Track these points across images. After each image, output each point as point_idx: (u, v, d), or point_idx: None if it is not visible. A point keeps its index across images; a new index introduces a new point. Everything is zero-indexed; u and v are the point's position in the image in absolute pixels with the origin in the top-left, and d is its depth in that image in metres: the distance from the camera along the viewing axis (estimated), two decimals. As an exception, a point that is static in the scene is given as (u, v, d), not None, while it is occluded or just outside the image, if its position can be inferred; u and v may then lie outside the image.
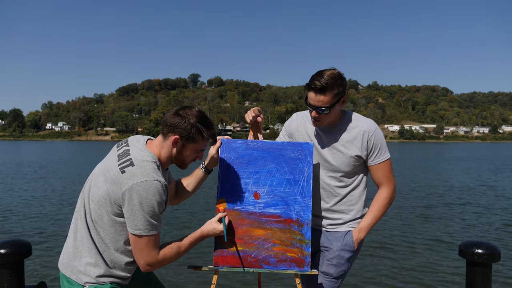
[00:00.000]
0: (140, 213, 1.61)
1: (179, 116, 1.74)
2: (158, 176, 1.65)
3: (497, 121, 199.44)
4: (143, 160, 1.69)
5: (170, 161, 1.83)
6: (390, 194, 2.20)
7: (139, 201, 1.60)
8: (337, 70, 2.04)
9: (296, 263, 2.02)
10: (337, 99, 2.04)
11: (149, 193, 1.60)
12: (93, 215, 1.70)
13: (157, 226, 1.67)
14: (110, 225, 1.69)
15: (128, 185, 1.61)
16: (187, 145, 1.77)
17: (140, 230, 1.63)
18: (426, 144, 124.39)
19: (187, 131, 1.73)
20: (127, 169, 1.65)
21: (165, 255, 1.74)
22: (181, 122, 1.73)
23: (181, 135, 1.74)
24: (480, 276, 2.01)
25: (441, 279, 6.16)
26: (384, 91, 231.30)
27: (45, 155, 42.90)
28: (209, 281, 2.17)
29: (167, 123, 1.75)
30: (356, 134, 2.14)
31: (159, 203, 1.63)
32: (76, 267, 1.71)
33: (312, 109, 2.08)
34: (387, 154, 2.17)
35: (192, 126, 1.73)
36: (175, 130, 1.73)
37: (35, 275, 6.15)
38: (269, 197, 2.07)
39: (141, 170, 1.64)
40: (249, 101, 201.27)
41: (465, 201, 13.66)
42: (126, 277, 1.80)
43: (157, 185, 1.62)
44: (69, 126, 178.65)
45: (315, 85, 1.99)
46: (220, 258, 2.04)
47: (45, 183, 18.02)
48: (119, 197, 1.63)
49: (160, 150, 1.78)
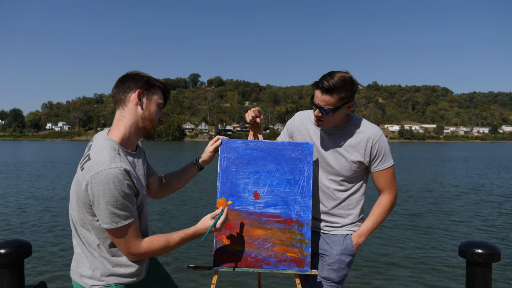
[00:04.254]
0: (103, 206, 1.52)
1: (129, 77, 1.69)
2: (115, 163, 1.54)
3: (497, 121, 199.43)
4: (99, 150, 1.58)
5: (137, 130, 1.71)
6: (392, 200, 2.19)
7: (99, 194, 1.50)
8: (349, 74, 1.99)
9: (296, 263, 2.02)
10: (343, 102, 2.00)
11: (107, 183, 1.50)
12: (78, 221, 1.65)
13: (126, 216, 1.57)
14: (92, 227, 1.62)
15: (86, 181, 1.53)
16: (150, 97, 1.70)
17: (107, 223, 1.55)
18: (426, 144, 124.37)
19: (146, 81, 1.68)
20: (85, 165, 1.56)
21: (150, 247, 1.66)
22: (135, 78, 1.68)
23: (142, 87, 1.68)
24: (480, 276, 2.01)
25: (441, 279, 6.15)
26: (384, 91, 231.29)
27: (45, 155, 42.90)
28: (209, 281, 2.17)
29: (118, 89, 1.68)
30: (360, 140, 2.12)
31: (121, 191, 1.52)
32: (80, 272, 1.68)
33: (316, 108, 2.05)
34: (390, 161, 2.16)
35: (148, 77, 1.70)
36: (133, 87, 1.67)
37: (35, 275, 6.15)
38: (269, 197, 2.07)
39: (96, 161, 1.54)
40: (249, 101, 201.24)
41: (465, 201, 13.66)
42: (132, 274, 1.71)
43: (113, 173, 1.51)
44: (69, 126, 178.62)
45: (323, 84, 1.96)
46: (220, 258, 2.04)
47: (45, 182, 18.02)
48: (85, 196, 1.55)
49: (120, 126, 1.67)
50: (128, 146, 1.70)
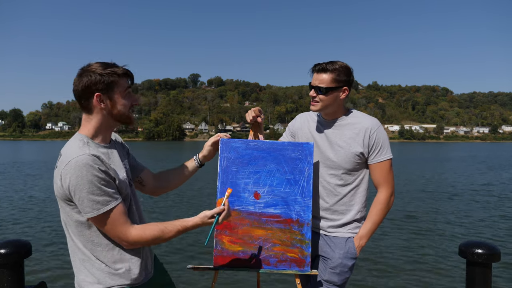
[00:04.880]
0: (79, 194, 1.49)
1: (83, 77, 1.59)
2: (82, 150, 1.52)
3: (497, 121, 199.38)
4: (68, 145, 1.58)
5: (108, 126, 1.68)
6: (388, 197, 2.16)
7: (73, 184, 1.48)
8: (346, 64, 2.14)
9: (296, 263, 2.02)
10: (337, 84, 2.09)
11: (78, 170, 1.48)
12: (66, 224, 1.62)
13: (106, 201, 1.52)
14: (78, 225, 1.58)
15: (59, 175, 1.51)
16: (112, 95, 1.62)
17: (89, 212, 1.51)
18: (426, 144, 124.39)
19: (101, 82, 1.58)
20: (58, 162, 1.56)
21: (142, 234, 1.61)
22: (90, 79, 1.58)
23: (100, 89, 1.59)
24: (480, 276, 2.01)
25: (441, 279, 6.16)
26: (384, 91, 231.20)
27: (45, 155, 42.89)
28: (209, 281, 2.17)
29: (78, 93, 1.60)
30: (359, 131, 2.14)
31: (94, 175, 1.49)
32: (82, 279, 1.63)
33: (311, 89, 2.15)
34: (388, 154, 2.15)
35: (102, 75, 1.58)
36: (90, 90, 1.58)
37: (35, 275, 6.15)
38: (269, 197, 2.07)
39: (66, 155, 1.53)
40: (249, 101, 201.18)
41: (465, 201, 13.66)
42: (134, 276, 1.66)
43: (82, 159, 1.48)
44: (69, 126, 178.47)
45: (319, 65, 2.11)
46: (220, 258, 2.04)
47: (45, 182, 18.02)
48: (62, 192, 1.53)
49: (88, 126, 1.64)
50: (100, 140, 1.66)
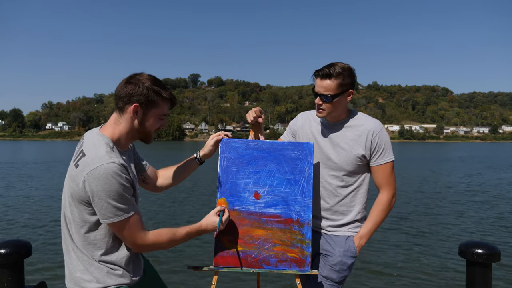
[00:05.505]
0: (104, 201, 1.52)
1: (131, 84, 1.63)
2: (112, 158, 1.54)
3: (497, 121, 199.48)
4: (93, 146, 1.58)
5: (131, 137, 1.72)
6: (390, 198, 2.17)
7: (98, 190, 1.50)
8: (348, 65, 2.09)
9: (297, 263, 2.02)
10: (342, 89, 2.05)
11: (106, 178, 1.50)
12: (72, 222, 1.63)
13: (128, 209, 1.57)
14: (86, 226, 1.61)
15: (83, 177, 1.52)
16: (148, 112, 1.66)
17: (110, 218, 1.55)
18: (426, 144, 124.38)
19: (144, 96, 1.62)
20: (80, 161, 1.56)
21: (157, 239, 1.67)
22: (136, 88, 1.61)
23: (140, 102, 1.62)
24: (480, 276, 2.01)
25: (441, 279, 6.16)
26: (384, 91, 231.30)
27: (45, 155, 42.88)
28: (209, 281, 2.17)
29: (120, 94, 1.63)
30: (361, 133, 2.13)
31: (121, 184, 1.53)
32: (77, 277, 1.64)
33: (316, 96, 2.10)
34: (390, 156, 2.15)
35: (149, 90, 1.62)
36: (132, 98, 1.62)
37: (35, 275, 6.15)
38: (269, 197, 2.06)
39: (92, 157, 1.54)
40: (249, 101, 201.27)
41: (465, 201, 13.66)
42: (132, 274, 1.70)
43: (112, 167, 1.51)
44: (69, 126, 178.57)
45: (322, 70, 2.05)
46: (220, 258, 2.04)
47: (45, 182, 18.02)
48: (82, 194, 1.54)
49: (115, 129, 1.67)
50: (120, 146, 1.70)
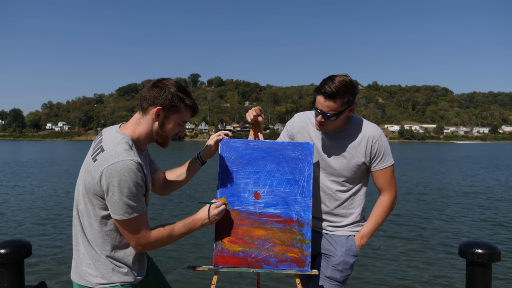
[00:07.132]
0: (117, 196, 1.54)
1: (157, 87, 1.67)
2: (130, 155, 1.57)
3: (497, 121, 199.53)
4: (113, 142, 1.62)
5: (149, 139, 1.76)
6: (391, 200, 2.21)
7: (114, 185, 1.53)
8: (349, 78, 2.00)
9: (297, 263, 2.02)
10: (345, 107, 2.01)
11: (122, 174, 1.53)
12: (85, 215, 1.64)
13: (138, 207, 1.60)
14: (97, 220, 1.62)
15: (100, 171, 1.54)
16: (170, 116, 1.70)
17: (120, 214, 1.57)
18: (426, 144, 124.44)
19: (169, 101, 1.67)
20: (98, 156, 1.59)
21: (158, 236, 1.70)
22: (161, 92, 1.66)
23: (163, 106, 1.67)
24: (480, 276, 2.01)
25: (441, 279, 6.16)
26: (384, 91, 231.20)
27: (45, 155, 42.90)
28: (209, 281, 2.17)
29: (145, 96, 1.68)
30: (361, 140, 2.14)
31: (136, 183, 1.56)
32: (83, 270, 1.66)
33: (318, 114, 2.05)
34: (390, 161, 2.17)
35: (173, 95, 1.67)
36: (156, 101, 1.67)
37: (35, 275, 6.15)
38: (269, 197, 2.06)
39: (111, 153, 1.57)
40: (249, 101, 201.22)
41: (465, 201, 13.67)
42: (136, 273, 1.72)
43: (129, 164, 1.54)
44: (69, 126, 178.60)
45: (325, 90, 1.95)
46: (220, 258, 2.04)
47: (45, 182, 18.02)
48: (97, 188, 1.56)
49: (136, 129, 1.71)
50: (139, 146, 1.74)
